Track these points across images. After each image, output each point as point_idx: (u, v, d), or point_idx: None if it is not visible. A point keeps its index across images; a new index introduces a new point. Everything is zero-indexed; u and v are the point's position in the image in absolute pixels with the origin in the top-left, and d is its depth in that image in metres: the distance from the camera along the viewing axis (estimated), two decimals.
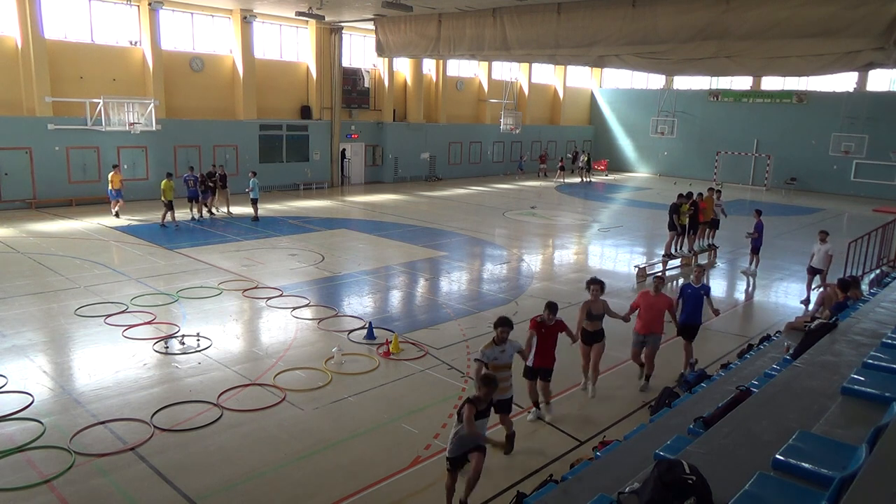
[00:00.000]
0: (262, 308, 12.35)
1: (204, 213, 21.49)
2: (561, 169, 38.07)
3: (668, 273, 16.41)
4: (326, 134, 30.41)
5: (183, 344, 10.25)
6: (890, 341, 5.51)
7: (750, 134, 38.06)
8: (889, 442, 3.21)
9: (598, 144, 44.94)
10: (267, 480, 6.73)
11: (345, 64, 30.58)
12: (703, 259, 17.79)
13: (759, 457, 3.63)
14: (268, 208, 23.30)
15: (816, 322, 6.93)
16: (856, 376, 4.53)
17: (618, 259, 18.61)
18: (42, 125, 22.04)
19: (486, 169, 38.42)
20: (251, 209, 21.22)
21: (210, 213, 21.80)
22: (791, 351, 6.84)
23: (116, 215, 20.57)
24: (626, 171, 43.87)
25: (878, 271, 15.38)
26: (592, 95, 45.82)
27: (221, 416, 8.00)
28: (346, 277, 14.94)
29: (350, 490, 6.57)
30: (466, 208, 26.17)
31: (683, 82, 40.53)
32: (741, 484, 3.13)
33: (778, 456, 3.40)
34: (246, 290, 13.29)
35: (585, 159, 37.88)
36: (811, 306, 12.42)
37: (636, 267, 16.17)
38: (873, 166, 32.83)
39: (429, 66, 35.10)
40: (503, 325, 6.99)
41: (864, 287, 12.34)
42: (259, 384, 8.93)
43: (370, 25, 26.45)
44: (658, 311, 9.18)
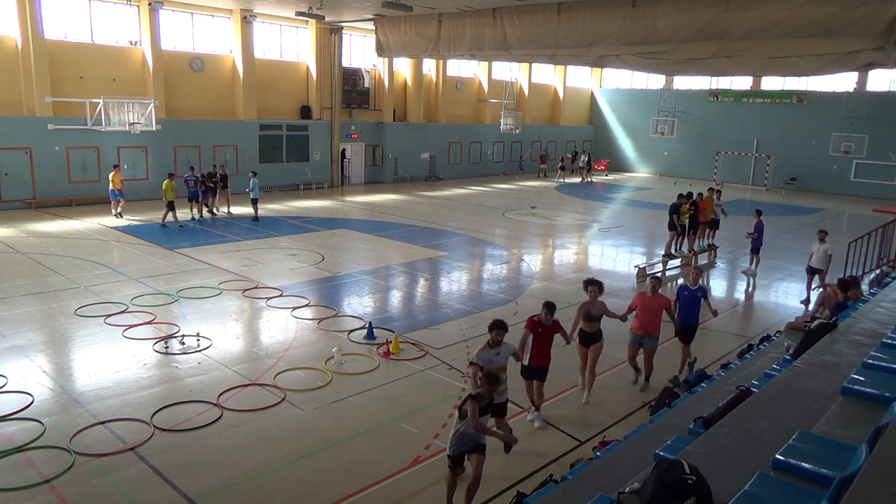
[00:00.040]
0: (262, 308, 12.35)
1: (204, 213, 21.51)
2: (561, 169, 38.07)
3: (668, 273, 16.42)
4: (326, 134, 30.42)
5: (183, 344, 10.25)
6: (890, 341, 5.51)
7: (750, 134, 38.06)
8: (889, 442, 3.21)
9: (598, 144, 44.94)
10: (267, 480, 6.73)
11: (345, 64, 30.59)
12: (703, 259, 17.81)
13: (759, 457, 3.63)
14: (268, 208, 23.31)
15: (816, 322, 6.93)
16: (856, 376, 4.53)
17: (618, 259, 18.60)
18: (42, 125, 22.05)
19: (486, 169, 38.42)
20: (251, 209, 21.24)
21: (211, 214, 21.81)
22: (791, 351, 6.84)
23: (119, 216, 20.57)
24: (626, 171, 43.87)
25: (878, 271, 15.38)
26: (592, 95, 45.83)
27: (221, 416, 8.00)
28: (346, 277, 14.94)
29: (350, 490, 6.57)
30: (466, 208, 26.17)
31: (683, 82, 40.52)
32: (741, 484, 3.13)
33: (778, 456, 3.40)
34: (246, 290, 13.29)
35: (586, 159, 37.87)
36: (811, 306, 12.43)
37: (636, 267, 16.18)
38: (873, 166, 32.83)
39: (429, 66, 35.09)
40: (498, 328, 6.96)
41: (864, 287, 12.34)
42: (259, 384, 8.94)
43: (370, 25, 26.46)
44: (655, 312, 9.12)
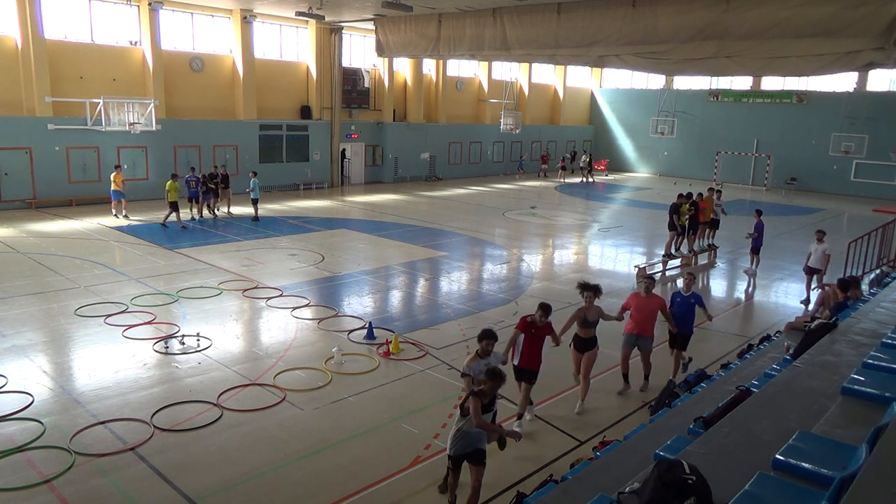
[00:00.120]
0: (262, 308, 12.35)
1: (205, 213, 21.49)
2: (562, 169, 38.03)
3: (668, 273, 16.43)
4: (326, 134, 30.42)
5: (183, 344, 10.25)
6: (890, 341, 5.51)
7: (750, 134, 38.06)
8: (889, 442, 3.20)
9: (598, 144, 44.94)
10: (267, 480, 6.73)
11: (345, 64, 30.58)
12: (703, 259, 17.82)
13: (759, 457, 3.62)
14: (268, 208, 23.30)
15: (816, 322, 6.93)
16: (856, 376, 4.53)
17: (618, 259, 18.60)
18: (42, 125, 22.05)
19: (486, 169, 38.42)
20: (251, 209, 21.24)
21: (213, 214, 21.77)
22: (791, 351, 6.84)
23: (126, 217, 20.53)
24: (626, 171, 43.87)
25: (878, 271, 15.38)
26: (592, 95, 45.83)
27: (221, 416, 8.00)
28: (346, 277, 14.94)
29: (350, 490, 6.57)
30: (466, 208, 26.17)
31: (683, 82, 40.53)
32: (741, 484, 3.12)
33: (778, 456, 3.39)
34: (246, 290, 13.29)
35: (587, 160, 37.88)
36: (811, 306, 12.43)
37: (636, 267, 16.18)
38: (873, 166, 32.84)
39: (429, 66, 35.09)
40: (488, 338, 6.80)
41: (864, 287, 12.33)
42: (259, 384, 8.93)
43: (370, 25, 26.46)
44: (649, 313, 8.98)
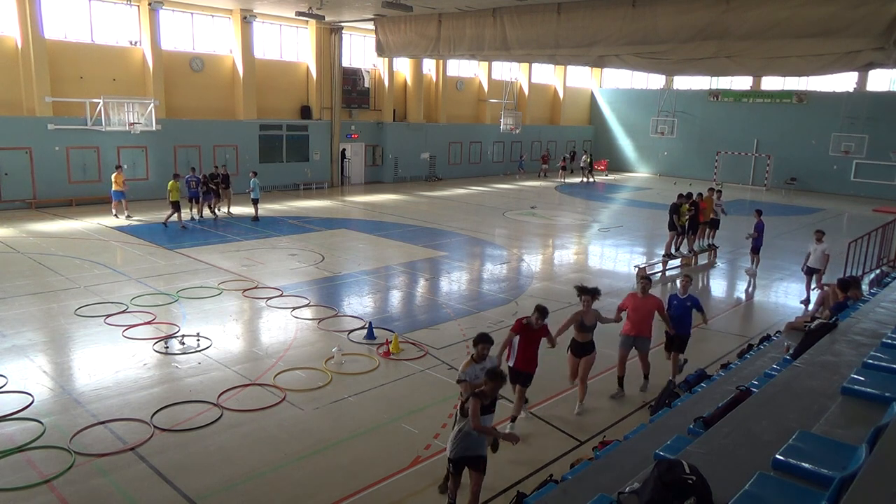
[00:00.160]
0: (262, 308, 12.35)
1: (206, 213, 21.47)
2: (563, 169, 38.01)
3: (668, 273, 16.43)
4: (326, 134, 30.42)
5: (183, 344, 10.25)
6: (890, 341, 5.51)
7: (750, 134, 38.06)
8: (889, 442, 3.21)
9: (598, 144, 44.93)
10: (267, 480, 6.73)
11: (345, 64, 30.58)
12: (703, 259, 17.82)
13: (759, 457, 3.62)
14: (268, 208, 23.30)
15: (816, 322, 6.93)
16: (856, 376, 4.53)
17: (618, 259, 18.60)
18: (42, 125, 22.04)
19: (486, 169, 38.42)
20: (251, 209, 21.24)
21: (213, 214, 21.74)
22: (791, 351, 6.84)
23: (127, 216, 20.53)
24: (626, 171, 43.86)
25: (878, 271, 15.38)
26: (592, 95, 45.83)
27: (221, 416, 8.00)
28: (346, 277, 14.94)
29: (350, 490, 6.57)
30: (466, 208, 26.17)
31: (683, 82, 40.53)
32: (741, 484, 3.12)
33: (778, 456, 3.39)
34: (246, 290, 13.29)
35: (587, 160, 37.86)
36: (811, 306, 12.43)
37: (636, 267, 16.17)
38: (873, 166, 32.84)
39: (429, 66, 35.09)
40: (483, 342, 6.69)
41: (864, 287, 12.33)
42: (259, 384, 8.93)
43: (370, 25, 26.46)
44: (646, 313, 8.91)
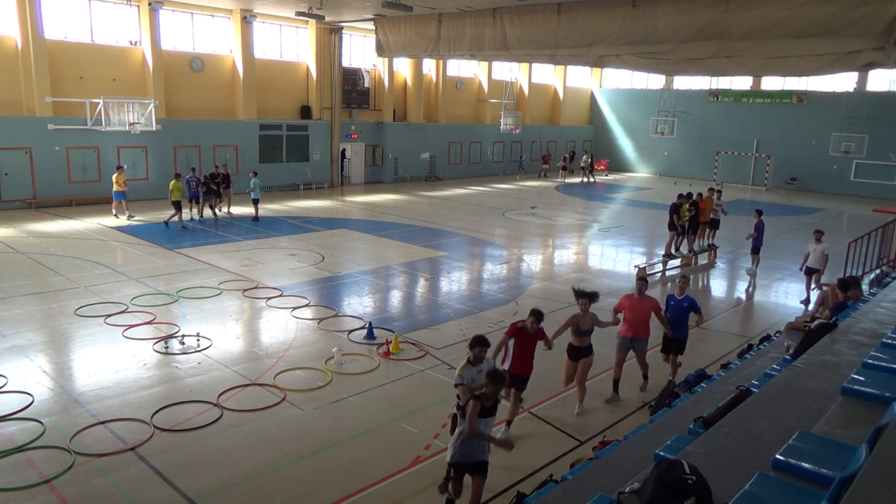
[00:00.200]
0: (262, 308, 12.35)
1: (207, 213, 21.46)
2: (563, 169, 37.98)
3: (668, 273, 16.43)
4: (326, 134, 30.41)
5: (183, 344, 10.25)
6: (890, 341, 5.51)
7: (750, 134, 38.06)
8: (889, 442, 3.21)
9: (598, 144, 44.93)
10: (267, 480, 6.73)
11: (345, 64, 30.58)
12: (703, 259, 17.82)
13: (759, 457, 3.63)
14: (268, 208, 23.29)
15: (816, 322, 6.93)
16: (856, 376, 4.53)
17: (618, 259, 18.60)
18: (42, 125, 22.04)
19: (486, 169, 38.42)
20: (251, 209, 21.24)
21: (214, 214, 21.71)
22: (791, 351, 6.84)
23: (129, 217, 20.50)
24: (626, 171, 43.87)
25: (878, 271, 15.38)
26: (592, 95, 45.83)
27: (221, 416, 8.00)
28: (346, 277, 14.94)
29: (350, 490, 6.57)
30: (466, 208, 26.17)
31: (683, 82, 40.52)
32: (741, 484, 3.12)
33: (778, 456, 3.39)
34: (246, 290, 13.29)
35: (588, 160, 37.84)
36: (811, 306, 12.43)
37: (636, 267, 16.17)
38: (873, 166, 32.84)
39: (429, 66, 35.09)
40: (480, 345, 6.60)
41: (864, 287, 12.33)
42: (259, 384, 8.93)
43: (370, 25, 26.46)
44: (643, 315, 8.87)
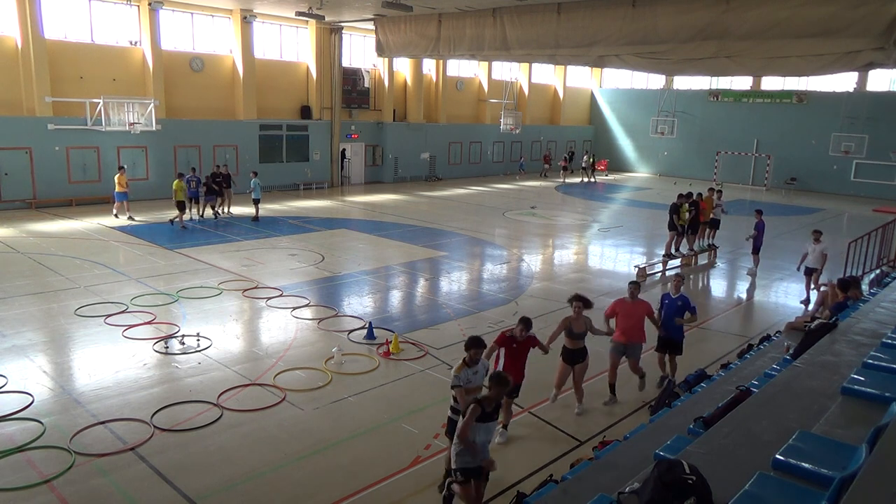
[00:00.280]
0: (262, 308, 12.35)
1: (208, 213, 21.44)
2: (564, 169, 37.95)
3: (668, 273, 16.42)
4: (326, 134, 30.41)
5: (183, 344, 10.25)
6: (890, 341, 5.51)
7: (750, 134, 38.06)
8: (889, 442, 3.21)
9: (598, 144, 44.92)
10: (267, 480, 6.73)
11: (345, 64, 30.58)
12: (703, 259, 17.82)
13: (759, 457, 3.63)
14: (268, 208, 23.28)
15: (816, 322, 6.93)
16: (856, 376, 4.54)
17: (618, 259, 18.60)
18: (42, 125, 22.04)
19: (486, 169, 38.41)
20: (251, 209, 21.23)
21: (215, 215, 21.68)
22: (791, 351, 6.84)
23: (130, 217, 20.48)
24: (626, 171, 43.86)
25: (878, 271, 15.38)
26: (592, 95, 45.82)
27: (221, 416, 8.00)
28: (346, 277, 14.94)
29: (350, 490, 6.57)
30: (466, 208, 26.17)
31: (683, 82, 40.51)
32: (741, 484, 3.13)
33: (778, 456, 3.40)
34: (246, 290, 13.29)
35: (588, 160, 37.82)
36: (811, 306, 12.43)
37: (636, 267, 16.17)
38: (873, 166, 32.84)
39: (429, 66, 35.08)
40: (475, 347, 6.56)
41: (864, 287, 12.33)
42: (259, 384, 8.93)
43: (370, 25, 26.45)
44: (637, 319, 8.74)
